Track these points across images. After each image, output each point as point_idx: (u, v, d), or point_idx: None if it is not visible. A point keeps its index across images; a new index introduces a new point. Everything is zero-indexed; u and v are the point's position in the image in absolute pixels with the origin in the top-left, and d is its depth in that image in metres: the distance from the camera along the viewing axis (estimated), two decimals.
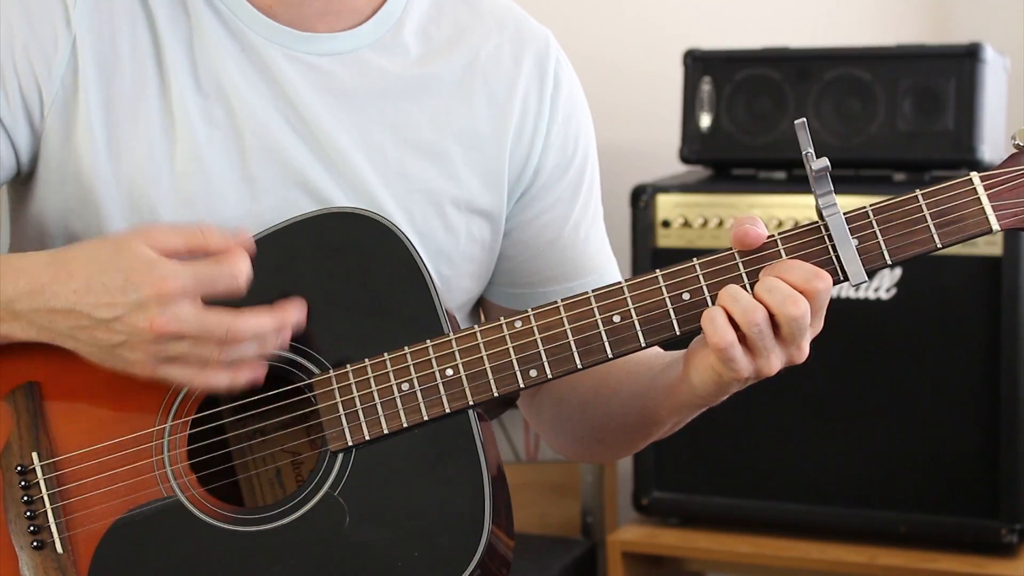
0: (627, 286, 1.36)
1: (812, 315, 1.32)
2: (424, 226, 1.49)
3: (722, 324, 1.31)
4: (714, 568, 3.02)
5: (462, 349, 1.36)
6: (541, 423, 1.63)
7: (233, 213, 1.44)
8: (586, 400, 1.54)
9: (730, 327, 1.31)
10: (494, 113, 1.53)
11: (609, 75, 3.26)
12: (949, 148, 2.68)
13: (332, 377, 1.37)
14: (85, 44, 1.44)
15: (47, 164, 1.45)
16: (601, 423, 1.54)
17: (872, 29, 3.21)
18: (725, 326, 1.31)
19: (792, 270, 1.32)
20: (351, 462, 1.36)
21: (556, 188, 1.57)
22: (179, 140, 1.44)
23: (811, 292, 1.31)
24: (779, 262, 1.34)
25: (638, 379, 1.47)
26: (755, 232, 1.34)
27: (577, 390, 1.55)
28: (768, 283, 1.31)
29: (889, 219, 1.35)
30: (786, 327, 1.31)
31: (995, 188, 1.35)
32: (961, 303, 2.62)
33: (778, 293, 1.30)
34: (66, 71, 1.44)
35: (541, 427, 1.64)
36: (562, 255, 1.58)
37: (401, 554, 1.34)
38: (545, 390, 1.59)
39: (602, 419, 1.53)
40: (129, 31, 1.46)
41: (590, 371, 1.46)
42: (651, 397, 1.44)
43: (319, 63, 1.48)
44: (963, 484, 2.64)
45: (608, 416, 1.52)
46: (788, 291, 1.30)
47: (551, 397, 1.59)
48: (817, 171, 1.34)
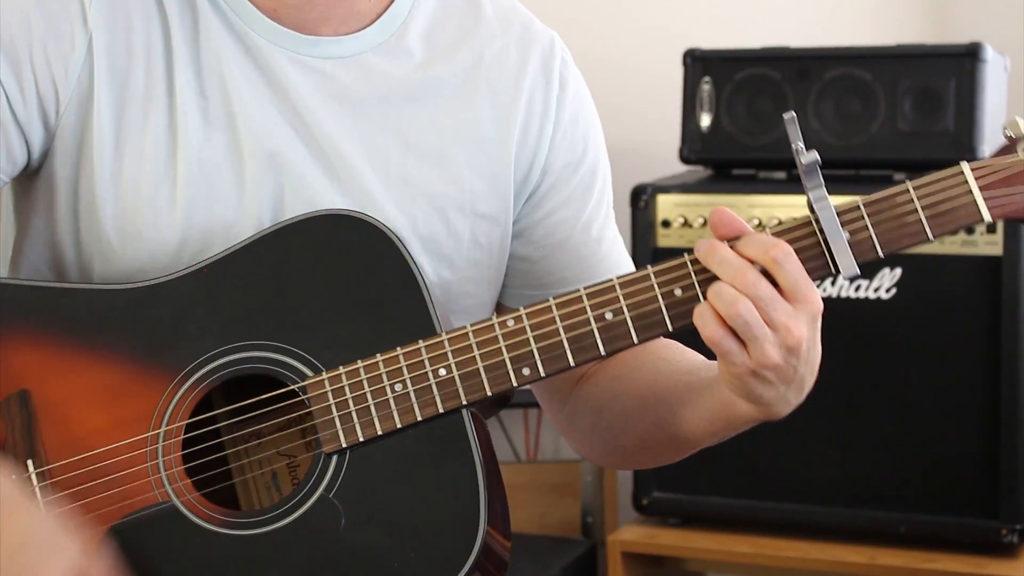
0: (619, 283, 1.36)
1: (787, 292, 1.30)
2: (427, 230, 1.49)
3: (710, 318, 1.31)
4: (714, 568, 3.01)
5: (454, 349, 1.36)
6: (574, 431, 1.60)
7: (232, 216, 1.44)
8: (630, 410, 1.51)
9: (717, 320, 1.30)
10: (498, 115, 1.53)
11: (609, 75, 3.25)
12: (949, 148, 2.67)
13: (325, 379, 1.37)
14: (101, 43, 1.44)
15: (60, 161, 1.45)
16: (648, 433, 1.51)
17: (872, 29, 3.21)
18: (713, 319, 1.30)
19: (749, 243, 1.31)
20: (346, 464, 1.36)
21: (566, 188, 1.57)
22: (180, 142, 1.44)
23: (769, 261, 1.30)
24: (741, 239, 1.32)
25: (689, 388, 1.45)
26: (728, 213, 1.33)
27: (620, 399, 1.52)
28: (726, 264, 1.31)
29: (880, 211, 1.35)
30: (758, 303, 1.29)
31: (986, 177, 1.35)
32: (961, 303, 2.62)
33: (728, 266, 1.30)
34: (82, 70, 1.44)
35: (573, 434, 1.61)
36: (575, 254, 1.57)
37: (397, 555, 1.34)
38: (581, 399, 1.57)
39: (649, 429, 1.50)
40: (144, 30, 1.46)
41: (632, 380, 1.46)
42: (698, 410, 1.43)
43: (323, 67, 1.48)
44: (963, 484, 2.63)
45: (656, 425, 1.49)
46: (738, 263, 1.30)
47: (589, 406, 1.56)
48: (807, 165, 1.34)
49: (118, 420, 1.38)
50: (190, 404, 1.38)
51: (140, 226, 1.44)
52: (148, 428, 1.38)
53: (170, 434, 1.38)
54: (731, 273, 1.31)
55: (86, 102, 1.44)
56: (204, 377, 1.38)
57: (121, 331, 1.40)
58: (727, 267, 1.31)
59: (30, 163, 1.47)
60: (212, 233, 1.44)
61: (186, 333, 1.39)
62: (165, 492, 1.37)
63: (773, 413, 1.37)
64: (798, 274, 1.31)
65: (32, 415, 1.38)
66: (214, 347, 1.39)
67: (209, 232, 1.44)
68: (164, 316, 1.40)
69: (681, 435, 1.47)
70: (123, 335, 1.39)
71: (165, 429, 1.38)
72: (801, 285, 1.31)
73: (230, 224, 1.44)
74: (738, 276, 1.30)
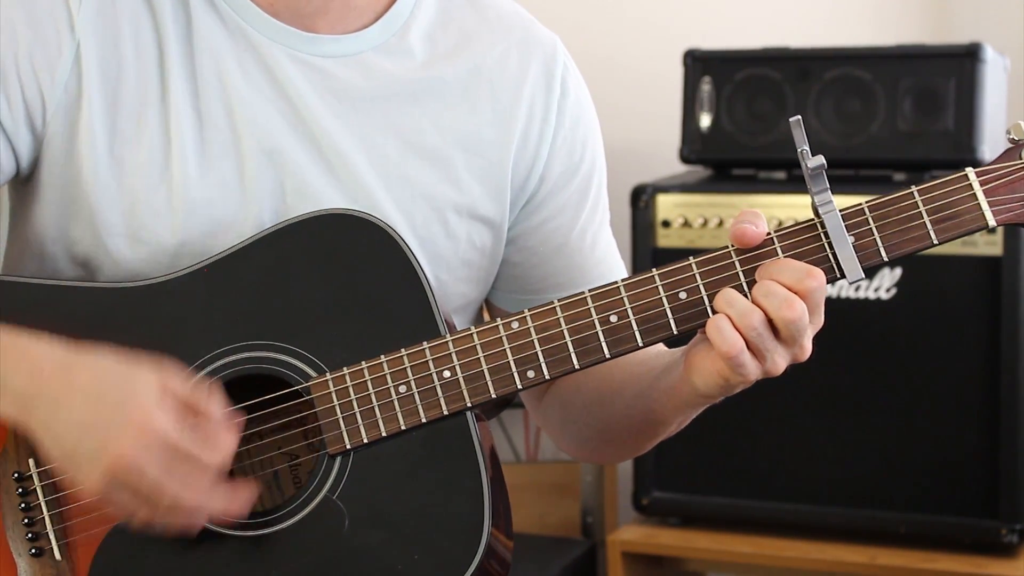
0: (623, 286, 1.36)
1: (810, 313, 1.31)
2: (425, 231, 1.49)
3: (730, 332, 1.30)
4: (714, 568, 3.02)
5: (459, 351, 1.36)
6: (549, 426, 1.63)
7: (231, 216, 1.44)
8: (590, 402, 1.54)
9: (737, 333, 1.30)
10: (499, 119, 1.53)
11: (609, 75, 3.25)
12: (949, 148, 2.67)
13: (329, 380, 1.37)
14: (89, 49, 1.44)
15: (49, 168, 1.45)
16: (606, 425, 1.53)
17: (872, 29, 3.21)
18: (733, 334, 1.30)
19: (784, 271, 1.32)
20: (349, 465, 1.36)
21: (562, 194, 1.57)
22: (176, 143, 1.44)
23: (804, 292, 1.30)
24: (772, 262, 1.33)
25: (640, 380, 1.47)
26: (753, 232, 1.34)
27: (581, 392, 1.55)
28: (763, 288, 1.31)
29: (885, 216, 1.35)
30: (785, 330, 1.31)
31: (991, 183, 1.35)
32: (961, 303, 2.62)
33: (773, 298, 1.30)
34: (70, 77, 1.43)
35: (550, 430, 1.63)
36: (569, 261, 1.57)
37: (401, 557, 1.34)
38: (551, 393, 1.59)
39: (607, 420, 1.53)
40: (133, 34, 1.45)
41: (593, 373, 1.46)
42: (654, 398, 1.44)
43: (323, 64, 1.48)
44: (963, 484, 2.63)
45: (613, 417, 1.52)
46: (783, 294, 1.30)
47: (558, 400, 1.58)
48: (813, 169, 1.34)
49: None
50: None
51: (137, 229, 1.43)
52: None
53: None
54: (776, 304, 1.31)
55: (75, 109, 1.43)
56: (207, 377, 1.38)
57: (124, 330, 1.39)
58: (772, 299, 1.31)
59: (20, 170, 1.46)
60: (212, 234, 1.43)
61: (188, 333, 1.39)
62: None
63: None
64: (821, 297, 1.32)
65: None
66: (217, 347, 1.38)
67: (209, 233, 1.43)
68: (166, 315, 1.40)
69: (637, 426, 1.48)
70: (126, 334, 1.39)
71: None
72: (820, 305, 1.33)
73: (230, 224, 1.44)
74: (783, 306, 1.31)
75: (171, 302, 1.40)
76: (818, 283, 1.31)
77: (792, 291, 1.30)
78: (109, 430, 1.27)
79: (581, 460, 3.03)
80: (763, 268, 1.33)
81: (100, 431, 1.27)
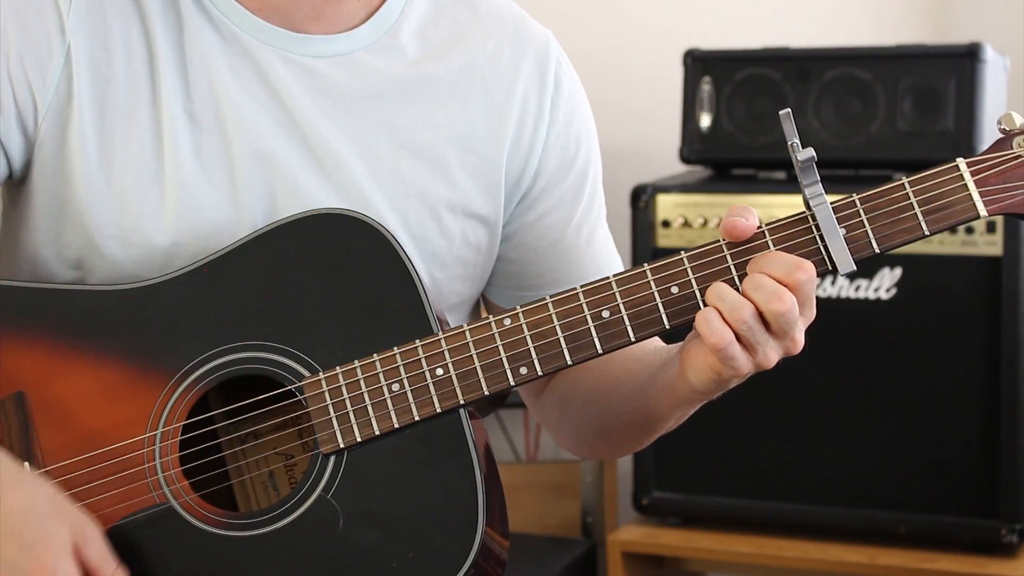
0: (615, 280, 1.36)
1: (801, 305, 1.31)
2: (419, 229, 1.48)
3: (718, 324, 1.31)
4: (714, 568, 3.01)
5: (451, 348, 1.36)
6: (548, 422, 1.63)
7: (224, 218, 1.44)
8: (588, 398, 1.54)
9: (726, 326, 1.30)
10: (492, 115, 1.52)
11: (609, 75, 3.26)
12: (949, 148, 2.67)
13: (322, 379, 1.37)
14: (80, 52, 1.43)
15: (41, 171, 1.45)
16: (604, 420, 1.53)
17: (872, 29, 3.21)
18: (721, 326, 1.31)
19: (774, 264, 1.31)
20: (343, 464, 1.36)
21: (557, 190, 1.56)
22: (168, 146, 1.43)
23: (794, 284, 1.30)
24: (762, 255, 1.33)
25: (637, 377, 1.47)
26: (743, 225, 1.34)
27: (579, 388, 1.55)
28: (753, 281, 1.31)
29: (876, 208, 1.35)
30: (775, 323, 1.31)
31: (982, 173, 1.35)
32: (961, 303, 2.62)
33: (763, 291, 1.30)
34: (60, 79, 1.43)
35: (548, 426, 1.64)
36: (565, 257, 1.57)
37: (395, 555, 1.34)
38: (549, 389, 1.59)
39: (605, 416, 1.53)
40: (123, 36, 1.45)
41: (590, 370, 1.46)
42: (651, 395, 1.44)
43: (314, 65, 1.48)
44: (963, 484, 2.63)
45: (610, 413, 1.52)
46: (772, 287, 1.30)
47: (555, 396, 1.58)
48: (803, 161, 1.34)
49: (115, 422, 1.38)
50: (187, 405, 1.38)
51: (129, 230, 1.43)
52: (145, 429, 1.38)
53: (167, 435, 1.37)
54: (764, 297, 1.31)
55: (65, 111, 1.43)
56: (201, 378, 1.38)
57: (117, 332, 1.40)
58: (761, 292, 1.31)
59: (12, 174, 1.46)
60: (204, 235, 1.43)
61: (182, 334, 1.39)
62: (163, 494, 1.37)
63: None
64: (810, 290, 1.32)
65: (28, 417, 1.38)
66: (210, 348, 1.38)
67: (201, 234, 1.43)
68: (160, 317, 1.40)
69: (634, 422, 1.48)
70: (119, 336, 1.39)
71: (162, 430, 1.37)
72: (811, 298, 1.32)
73: (222, 225, 1.44)
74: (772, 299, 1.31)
75: (164, 304, 1.40)
76: (807, 276, 1.31)
77: (782, 284, 1.30)
78: (12, 568, 1.26)
79: (580, 456, 3.02)
80: (754, 261, 1.33)
81: (2, 565, 1.26)
